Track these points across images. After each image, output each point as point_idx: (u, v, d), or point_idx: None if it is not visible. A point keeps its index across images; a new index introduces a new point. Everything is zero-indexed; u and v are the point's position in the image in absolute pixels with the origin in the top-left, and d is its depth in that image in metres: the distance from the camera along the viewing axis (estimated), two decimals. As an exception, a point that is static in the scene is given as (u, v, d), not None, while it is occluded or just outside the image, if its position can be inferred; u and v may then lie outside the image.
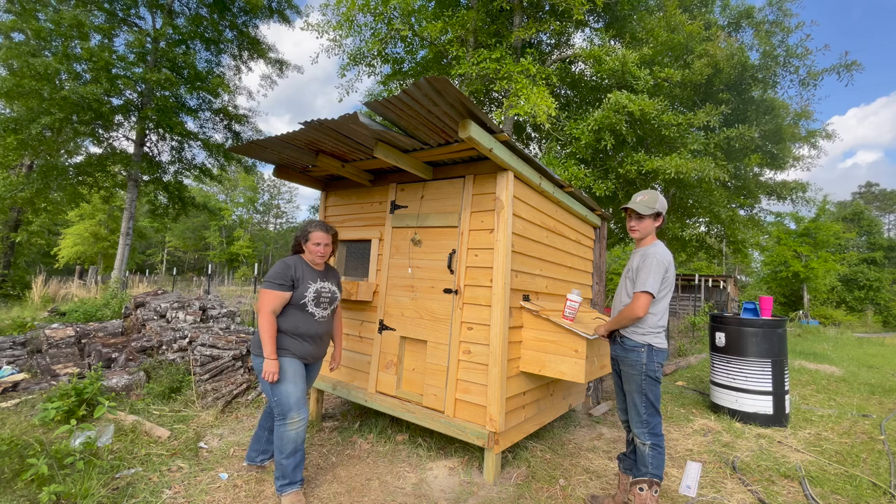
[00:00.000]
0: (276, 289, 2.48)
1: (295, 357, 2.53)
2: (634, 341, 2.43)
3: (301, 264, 2.61)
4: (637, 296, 2.36)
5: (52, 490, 2.21)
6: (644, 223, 2.49)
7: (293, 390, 2.45)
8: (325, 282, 2.66)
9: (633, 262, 2.51)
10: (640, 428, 2.41)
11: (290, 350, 2.52)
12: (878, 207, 50.75)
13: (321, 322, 2.63)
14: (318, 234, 2.63)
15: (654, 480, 2.35)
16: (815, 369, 7.34)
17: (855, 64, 10.77)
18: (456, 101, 2.22)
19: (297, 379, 2.50)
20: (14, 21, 10.11)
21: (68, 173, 11.81)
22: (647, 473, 2.37)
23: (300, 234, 2.67)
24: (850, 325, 22.84)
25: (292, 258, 2.62)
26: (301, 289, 2.54)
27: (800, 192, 12.67)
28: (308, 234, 2.64)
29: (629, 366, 2.44)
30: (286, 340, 2.51)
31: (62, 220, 22.42)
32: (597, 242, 4.73)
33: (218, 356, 4.44)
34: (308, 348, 2.59)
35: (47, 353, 4.82)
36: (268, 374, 2.40)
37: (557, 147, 9.58)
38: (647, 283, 2.33)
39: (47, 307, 9.84)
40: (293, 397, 2.44)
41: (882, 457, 3.49)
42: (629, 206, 2.50)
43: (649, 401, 2.40)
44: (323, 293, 2.63)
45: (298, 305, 2.54)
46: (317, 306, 2.59)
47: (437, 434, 3.46)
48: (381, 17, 9.60)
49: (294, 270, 2.55)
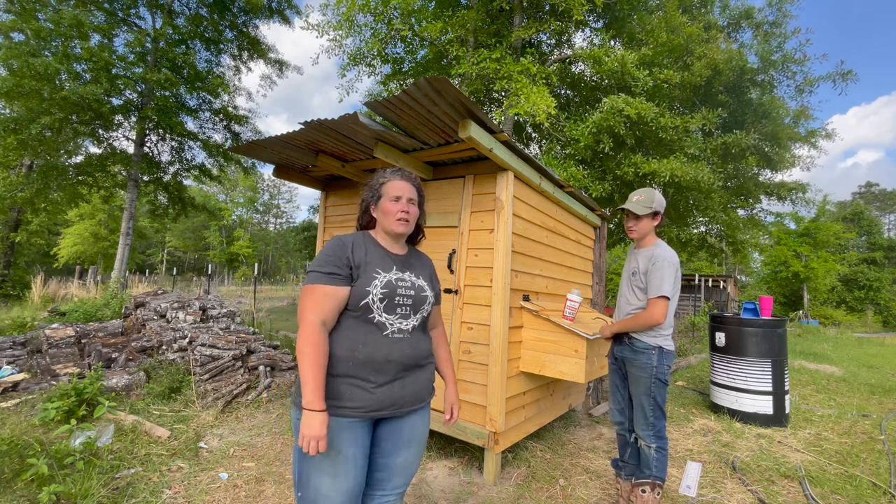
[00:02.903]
0: (325, 280, 1.42)
1: (353, 415, 1.39)
2: (645, 343, 2.37)
3: (367, 243, 1.56)
4: (654, 302, 2.31)
5: (52, 490, 2.21)
6: (642, 223, 2.46)
7: (330, 490, 1.37)
8: (405, 271, 1.57)
9: (637, 264, 2.45)
10: (646, 430, 2.38)
11: (342, 399, 1.39)
12: (879, 207, 50.79)
13: (399, 341, 1.49)
14: (398, 183, 1.59)
15: (658, 482, 2.34)
16: (815, 369, 7.34)
17: (850, 73, 10.83)
18: (456, 100, 2.22)
19: (347, 466, 1.39)
20: (14, 21, 10.10)
21: (68, 173, 11.81)
22: (650, 476, 2.35)
23: (368, 192, 1.64)
24: (850, 325, 22.84)
25: (352, 234, 1.58)
26: (362, 281, 1.46)
27: (799, 192, 12.68)
28: (381, 185, 1.60)
29: (638, 368, 2.38)
30: (337, 378, 1.41)
31: (62, 220, 22.41)
32: (597, 242, 4.73)
33: (218, 356, 4.44)
34: (377, 393, 1.43)
35: (47, 353, 4.82)
36: (305, 440, 1.28)
37: (557, 147, 9.59)
38: (663, 288, 2.28)
39: (47, 307, 9.84)
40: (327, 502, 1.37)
41: (882, 457, 3.49)
42: (625, 207, 2.46)
43: (657, 403, 2.36)
44: (400, 289, 1.51)
45: (357, 311, 1.45)
46: (389, 312, 1.48)
47: (436, 434, 3.46)
48: (381, 17, 9.61)
49: (352, 250, 1.50)
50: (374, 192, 1.61)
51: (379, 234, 1.62)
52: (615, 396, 2.60)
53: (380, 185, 1.61)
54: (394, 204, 1.56)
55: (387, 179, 1.61)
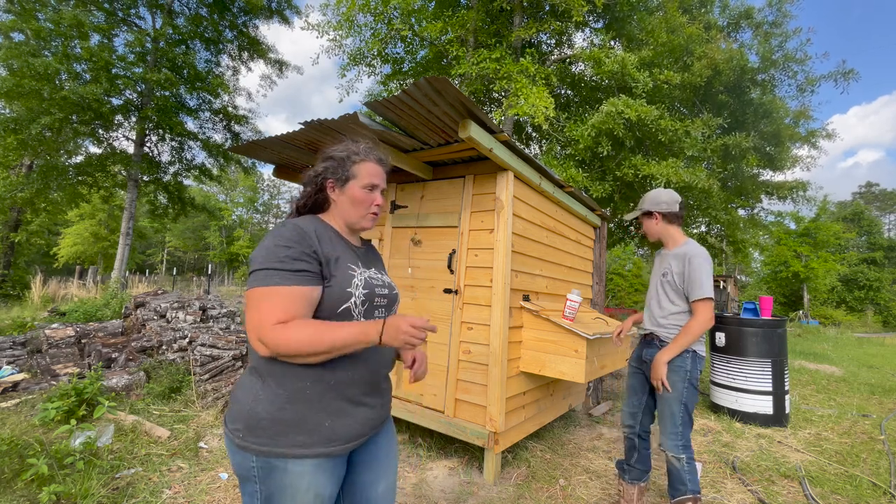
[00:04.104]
0: (293, 280, 1.07)
1: (337, 452, 1.10)
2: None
3: (328, 232, 1.23)
4: (700, 306, 2.20)
5: (52, 490, 2.21)
6: (647, 224, 2.44)
7: None
8: (369, 267, 1.30)
9: (670, 266, 2.35)
10: (674, 440, 2.22)
11: (319, 435, 1.08)
12: (879, 207, 50.77)
13: (378, 349, 1.20)
14: (373, 167, 1.29)
15: (698, 497, 2.19)
16: (815, 369, 7.34)
17: (852, 72, 10.80)
18: (456, 100, 2.22)
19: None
20: (14, 21, 10.10)
21: (68, 173, 11.81)
22: (686, 491, 2.19)
23: (331, 165, 1.27)
24: (850, 325, 22.84)
25: (307, 220, 1.22)
26: (340, 281, 1.15)
27: (800, 191, 12.68)
28: (353, 164, 1.27)
29: (672, 372, 2.25)
30: (313, 408, 1.08)
31: (62, 220, 22.41)
32: (597, 242, 4.73)
33: (218, 356, 4.44)
34: (360, 416, 1.16)
35: (47, 353, 4.82)
36: (407, 336, 1.05)
37: (557, 147, 9.59)
38: (705, 289, 2.19)
39: (47, 307, 9.83)
40: None
41: (882, 457, 3.49)
42: (626, 219, 2.52)
43: (687, 410, 2.24)
44: (377, 287, 1.26)
45: (334, 318, 1.14)
46: (368, 316, 1.22)
47: (436, 434, 3.46)
48: (381, 17, 9.62)
49: (318, 241, 1.16)
50: (342, 170, 1.26)
51: (335, 221, 1.29)
52: (631, 399, 2.51)
53: (351, 162, 1.27)
54: (367, 194, 1.27)
55: (360, 158, 1.28)
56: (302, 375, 1.07)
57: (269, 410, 1.05)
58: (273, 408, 1.05)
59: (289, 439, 1.05)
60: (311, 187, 1.28)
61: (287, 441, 1.05)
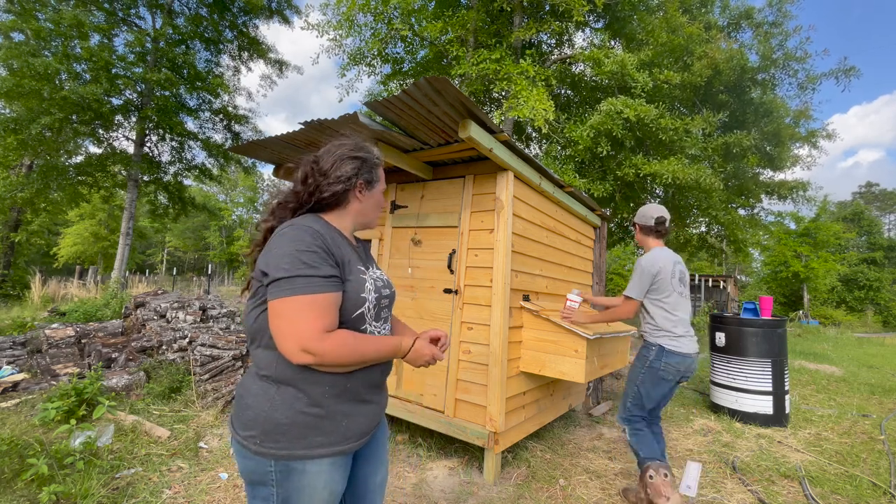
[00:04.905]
0: (326, 287, 1.06)
1: (350, 449, 1.13)
2: (647, 340, 2.62)
3: (334, 233, 1.20)
4: (622, 301, 2.67)
5: (52, 490, 2.21)
6: (637, 236, 2.80)
7: None
8: (369, 267, 1.27)
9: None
10: (621, 413, 2.65)
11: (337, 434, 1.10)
12: (879, 207, 50.75)
13: None
14: (382, 172, 1.36)
15: (653, 463, 2.42)
16: (815, 369, 7.34)
17: (853, 70, 10.76)
18: (456, 101, 2.22)
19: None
20: (14, 21, 10.10)
21: (68, 173, 11.82)
22: (640, 460, 2.50)
23: (363, 167, 1.27)
24: (850, 325, 22.83)
25: (313, 221, 1.15)
26: (354, 285, 1.15)
27: (800, 191, 12.67)
28: (378, 165, 1.32)
29: (636, 358, 2.63)
30: (331, 409, 1.10)
31: (62, 220, 22.42)
32: (597, 242, 4.73)
33: (218, 356, 4.44)
34: (371, 413, 1.20)
35: (47, 353, 4.82)
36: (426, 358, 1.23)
37: (557, 148, 9.59)
38: (630, 288, 2.59)
39: (47, 307, 9.83)
40: None
41: (882, 457, 3.49)
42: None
43: (640, 393, 2.55)
44: (383, 289, 1.26)
45: (348, 323, 1.13)
46: (377, 319, 1.23)
47: (437, 434, 3.46)
48: (381, 16, 9.61)
49: (333, 243, 1.13)
50: (371, 171, 1.28)
51: (340, 221, 1.25)
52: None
53: (377, 165, 1.30)
54: (382, 197, 1.35)
55: (380, 162, 1.33)
56: (321, 381, 1.09)
57: (289, 415, 1.06)
58: (292, 412, 1.06)
59: (308, 441, 1.06)
60: (340, 186, 1.22)
61: (306, 443, 1.06)
